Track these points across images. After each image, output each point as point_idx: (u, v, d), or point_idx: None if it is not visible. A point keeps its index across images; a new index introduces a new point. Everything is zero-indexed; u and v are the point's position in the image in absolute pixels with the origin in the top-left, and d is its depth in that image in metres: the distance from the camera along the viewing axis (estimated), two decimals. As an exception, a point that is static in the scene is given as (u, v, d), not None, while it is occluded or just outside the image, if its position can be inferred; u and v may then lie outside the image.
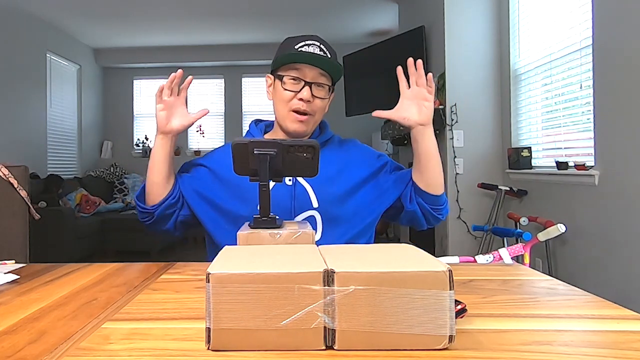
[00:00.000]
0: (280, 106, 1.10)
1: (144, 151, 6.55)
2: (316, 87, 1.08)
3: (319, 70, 1.07)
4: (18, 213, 1.23)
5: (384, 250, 0.58)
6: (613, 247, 2.26)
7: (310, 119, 1.10)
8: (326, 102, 1.12)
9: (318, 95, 1.08)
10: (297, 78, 1.06)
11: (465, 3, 3.44)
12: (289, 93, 1.08)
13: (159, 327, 0.55)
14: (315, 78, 1.07)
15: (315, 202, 1.08)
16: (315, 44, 1.09)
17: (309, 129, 1.11)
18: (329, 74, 1.09)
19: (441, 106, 3.49)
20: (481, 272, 0.83)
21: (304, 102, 1.06)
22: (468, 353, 0.47)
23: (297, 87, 1.07)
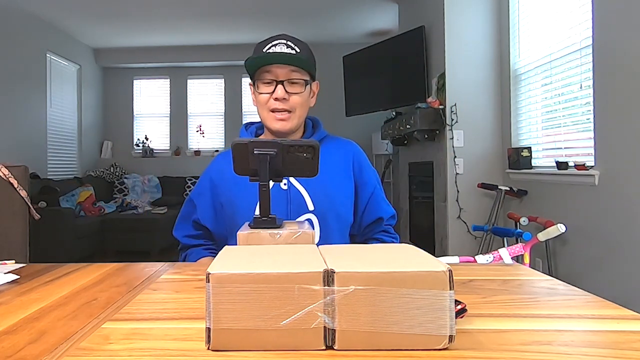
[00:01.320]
0: (261, 109, 1.13)
1: (144, 151, 6.55)
2: (289, 84, 1.08)
3: (289, 67, 1.08)
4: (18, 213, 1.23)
5: (384, 250, 0.58)
6: (613, 247, 2.26)
7: (292, 116, 1.11)
8: (305, 96, 1.12)
9: (293, 91, 1.09)
10: (270, 80, 1.08)
11: (465, 3, 3.44)
12: (264, 95, 1.09)
13: (159, 327, 0.55)
14: (287, 75, 1.08)
15: (310, 205, 1.09)
16: (282, 42, 1.10)
17: (293, 125, 1.12)
18: (302, 69, 1.09)
19: (441, 106, 3.49)
20: (481, 272, 0.83)
21: (279, 100, 1.08)
22: (468, 353, 0.47)
23: (271, 88, 1.09)
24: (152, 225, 4.80)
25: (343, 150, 1.21)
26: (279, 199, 1.08)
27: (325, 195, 1.11)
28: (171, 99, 6.68)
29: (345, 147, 1.22)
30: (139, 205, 5.55)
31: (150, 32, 5.78)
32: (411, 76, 3.94)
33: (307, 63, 1.09)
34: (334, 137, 1.25)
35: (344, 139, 1.26)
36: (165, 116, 6.69)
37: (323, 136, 1.21)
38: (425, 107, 3.57)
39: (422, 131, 3.64)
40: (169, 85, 6.69)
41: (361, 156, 1.23)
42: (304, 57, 1.09)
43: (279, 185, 1.10)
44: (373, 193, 1.20)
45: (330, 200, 1.11)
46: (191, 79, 6.69)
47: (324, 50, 6.20)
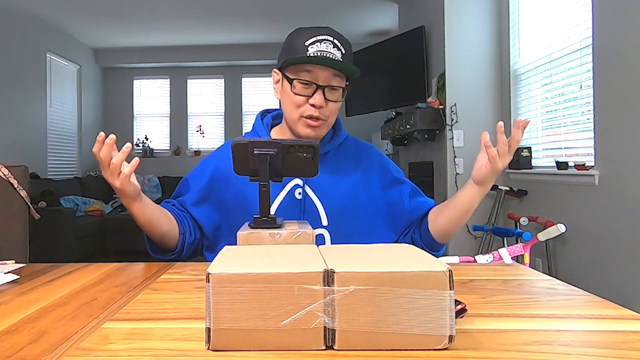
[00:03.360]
0: (290, 110, 1.02)
1: (144, 151, 6.55)
2: (329, 90, 0.99)
3: (332, 70, 0.98)
4: (18, 213, 1.23)
5: (384, 250, 0.58)
6: (613, 247, 2.26)
7: (324, 124, 1.02)
8: (340, 103, 1.04)
9: (331, 98, 1.00)
10: (309, 82, 0.98)
11: (465, 3, 3.44)
12: (299, 98, 0.99)
13: (159, 327, 0.55)
14: (328, 80, 0.98)
15: (324, 220, 1.03)
16: (328, 40, 0.98)
17: (322, 134, 1.05)
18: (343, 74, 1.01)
19: (441, 106, 3.49)
20: (481, 272, 0.83)
21: (316, 107, 0.99)
22: (468, 353, 0.47)
23: (309, 91, 0.99)
24: (152, 225, 4.79)
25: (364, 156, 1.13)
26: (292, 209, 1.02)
27: (342, 212, 1.04)
28: (171, 99, 6.68)
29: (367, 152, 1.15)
30: (139, 205, 5.54)
31: (150, 32, 5.78)
32: (411, 76, 3.94)
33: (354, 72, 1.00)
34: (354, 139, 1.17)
35: (364, 143, 1.19)
36: (165, 116, 6.69)
37: (343, 138, 1.13)
38: (425, 107, 3.57)
39: (422, 131, 3.64)
40: (169, 85, 6.69)
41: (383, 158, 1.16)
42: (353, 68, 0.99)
43: (294, 193, 1.03)
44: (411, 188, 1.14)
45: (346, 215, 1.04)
46: (191, 79, 6.69)
47: (324, 50, 6.20)
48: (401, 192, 1.13)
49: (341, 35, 1.02)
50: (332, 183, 1.06)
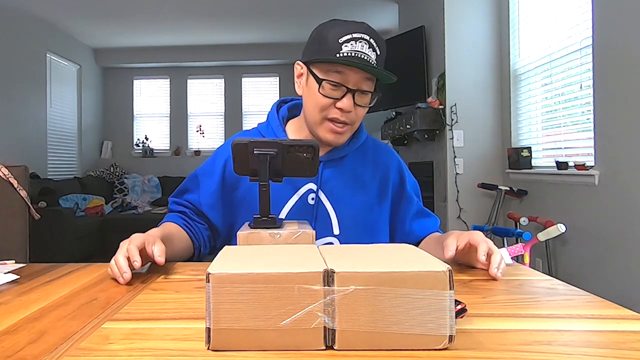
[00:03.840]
0: (313, 111, 0.95)
1: (144, 151, 6.55)
2: (359, 94, 0.92)
3: (365, 73, 0.91)
4: (18, 213, 1.23)
5: (384, 250, 0.58)
6: (613, 247, 2.26)
7: (348, 130, 0.96)
8: (367, 109, 0.97)
9: (360, 103, 0.93)
10: (338, 84, 0.91)
11: (465, 3, 3.44)
12: (326, 100, 0.92)
13: (159, 327, 0.55)
14: (359, 83, 0.92)
15: (336, 229, 0.99)
16: (364, 40, 0.90)
17: (344, 140, 0.98)
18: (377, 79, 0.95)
19: (441, 106, 3.49)
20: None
21: (343, 112, 0.92)
22: (468, 353, 0.47)
23: (337, 94, 0.91)
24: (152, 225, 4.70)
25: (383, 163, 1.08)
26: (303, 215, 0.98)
27: (355, 221, 1.00)
28: (171, 99, 6.68)
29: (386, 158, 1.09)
30: (139, 205, 5.55)
31: (150, 32, 5.78)
32: (411, 76, 3.94)
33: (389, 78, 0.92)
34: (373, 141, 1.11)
35: (383, 146, 1.13)
36: (165, 116, 6.69)
37: (363, 140, 1.07)
38: (425, 107, 3.57)
39: (422, 131, 3.64)
40: (169, 85, 6.69)
41: (402, 167, 1.11)
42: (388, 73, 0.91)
43: (306, 199, 0.99)
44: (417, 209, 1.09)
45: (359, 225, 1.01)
46: (191, 79, 6.69)
47: (324, 50, 6.20)
48: (407, 211, 1.08)
49: (378, 34, 0.93)
50: (348, 191, 1.02)
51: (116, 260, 0.77)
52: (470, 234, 0.83)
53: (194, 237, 1.03)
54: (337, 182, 1.01)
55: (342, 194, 1.02)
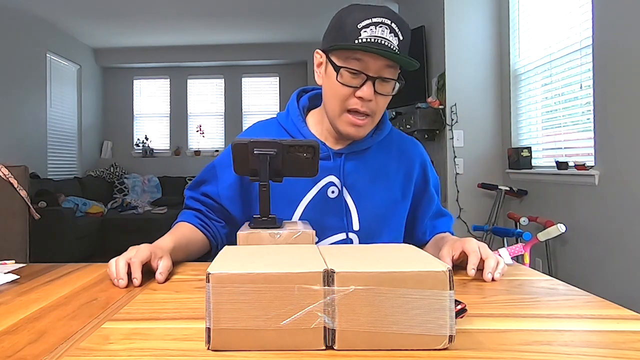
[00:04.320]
0: (333, 101, 0.91)
1: (144, 151, 6.55)
2: (380, 82, 0.88)
3: (386, 60, 0.86)
4: (18, 213, 1.23)
5: (384, 250, 0.58)
6: (613, 247, 2.26)
7: (369, 122, 0.92)
8: (389, 99, 0.93)
9: (382, 91, 0.89)
10: (358, 71, 0.86)
11: (465, 3, 3.44)
12: (346, 89, 0.88)
13: (159, 327, 0.55)
14: (380, 71, 0.87)
15: (356, 224, 0.96)
16: (385, 24, 0.85)
17: (366, 133, 0.94)
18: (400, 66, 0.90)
19: (441, 106, 3.49)
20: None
21: (363, 101, 0.88)
22: (468, 353, 0.47)
23: (357, 82, 0.87)
24: (152, 225, 4.80)
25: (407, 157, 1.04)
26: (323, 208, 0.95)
27: (376, 217, 0.97)
28: (171, 99, 6.68)
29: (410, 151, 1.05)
30: (139, 205, 5.55)
31: (150, 32, 5.78)
32: (411, 76, 3.93)
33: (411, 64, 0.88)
34: (398, 133, 1.07)
35: (409, 138, 1.08)
36: (165, 116, 6.69)
37: (387, 132, 1.03)
38: (425, 107, 3.57)
39: (422, 131, 3.64)
40: (169, 85, 6.69)
41: (427, 163, 1.07)
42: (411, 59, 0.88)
43: (326, 192, 0.95)
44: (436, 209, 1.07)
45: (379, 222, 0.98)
46: (191, 79, 6.69)
47: (324, 50, 6.20)
48: (427, 209, 1.06)
49: (400, 18, 0.89)
50: (371, 186, 0.99)
51: (117, 262, 0.76)
52: (464, 243, 0.82)
53: (212, 237, 1.01)
54: (359, 176, 0.97)
55: (365, 188, 0.98)
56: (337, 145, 1.00)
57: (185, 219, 1.01)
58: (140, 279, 0.74)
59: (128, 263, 0.75)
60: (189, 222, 1.00)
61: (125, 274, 0.74)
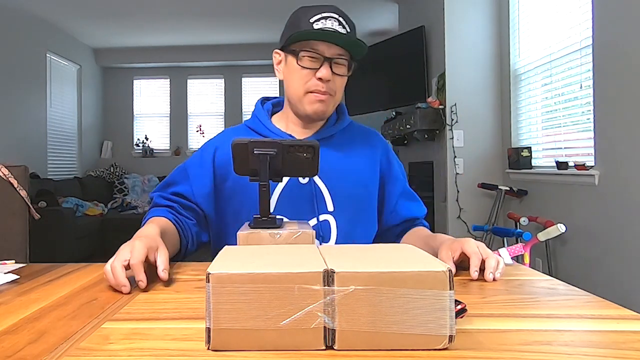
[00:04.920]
0: (295, 86, 0.99)
1: (144, 151, 6.55)
2: (336, 63, 0.96)
3: (338, 48, 0.96)
4: (18, 213, 1.23)
5: (384, 250, 0.58)
6: (613, 247, 2.26)
7: (330, 100, 0.99)
8: (345, 79, 1.01)
9: (338, 72, 0.97)
10: (315, 55, 0.95)
11: (465, 3, 3.44)
12: (306, 71, 0.96)
13: (159, 327, 0.55)
14: (336, 55, 0.96)
15: (330, 205, 1.01)
16: (334, 17, 0.97)
17: (329, 110, 1.01)
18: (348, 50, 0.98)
19: (441, 106, 3.49)
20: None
21: (323, 81, 0.96)
22: (468, 353, 0.47)
23: (315, 64, 0.96)
24: (152, 225, 4.79)
25: (369, 143, 1.11)
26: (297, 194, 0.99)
27: (348, 196, 1.01)
28: (171, 99, 6.68)
29: (372, 139, 1.12)
30: (139, 205, 5.55)
31: (150, 32, 5.78)
32: (411, 76, 3.94)
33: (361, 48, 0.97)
34: (359, 125, 1.15)
35: (369, 129, 1.16)
36: (165, 116, 6.69)
37: (347, 123, 1.11)
38: (425, 107, 3.57)
39: (422, 131, 3.64)
40: (169, 85, 6.69)
41: (387, 148, 1.14)
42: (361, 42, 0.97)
43: (298, 179, 1.00)
44: (403, 190, 1.11)
45: (352, 201, 1.02)
46: (191, 79, 6.69)
47: (324, 50, 6.20)
48: (393, 189, 1.11)
49: (346, 15, 1.00)
50: (339, 167, 1.03)
51: (113, 268, 0.71)
52: (462, 243, 0.82)
53: (183, 234, 1.01)
54: (327, 160, 1.00)
55: (335, 171, 1.02)
56: (303, 136, 1.06)
57: (158, 214, 1.00)
58: (146, 280, 0.71)
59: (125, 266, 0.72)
60: (162, 217, 0.99)
61: (126, 279, 0.70)
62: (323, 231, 1.00)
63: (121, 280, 0.70)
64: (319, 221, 1.00)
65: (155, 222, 0.94)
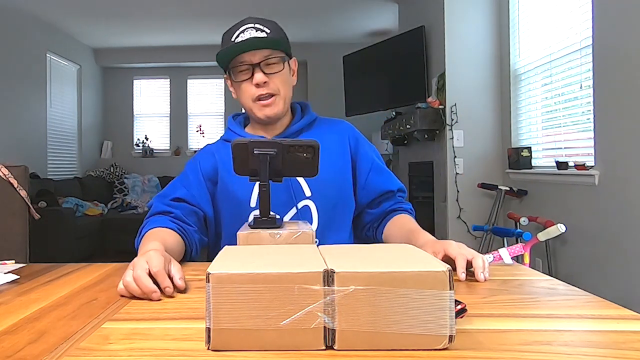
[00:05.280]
0: (243, 100, 1.07)
1: (144, 151, 6.55)
2: (266, 65, 1.02)
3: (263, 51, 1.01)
4: (18, 213, 1.23)
5: (384, 250, 0.58)
6: (613, 247, 2.26)
7: (277, 99, 1.04)
8: (286, 75, 1.06)
9: (272, 71, 1.02)
10: (245, 67, 1.02)
11: (465, 3, 3.44)
12: (244, 84, 1.04)
13: (159, 327, 0.55)
14: (263, 58, 1.02)
15: (307, 191, 1.05)
16: (250, 27, 1.03)
17: (279, 109, 1.06)
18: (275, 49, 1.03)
19: (441, 106, 3.49)
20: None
21: (260, 86, 1.02)
22: (468, 353, 0.47)
23: (248, 74, 1.02)
24: (152, 225, 4.79)
25: (336, 130, 1.15)
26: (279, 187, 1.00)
27: (323, 180, 1.03)
28: (171, 99, 6.68)
29: (338, 126, 1.17)
30: (139, 205, 5.55)
31: (150, 32, 5.78)
32: (411, 76, 3.94)
33: (279, 43, 1.03)
34: (325, 118, 1.19)
35: (336, 119, 1.20)
36: (165, 116, 6.69)
37: (313, 119, 1.15)
38: (425, 107, 3.57)
39: (422, 131, 3.64)
40: (169, 85, 6.69)
41: (356, 132, 1.18)
42: (276, 38, 1.03)
43: None
44: (372, 165, 1.14)
45: (328, 184, 1.06)
46: (191, 79, 6.69)
47: (324, 50, 6.20)
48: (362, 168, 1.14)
49: (263, 19, 1.07)
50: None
51: (137, 277, 0.67)
52: (445, 245, 0.83)
53: (187, 242, 1.01)
54: None
55: None
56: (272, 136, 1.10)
57: (161, 224, 0.99)
58: (172, 286, 0.68)
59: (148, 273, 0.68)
60: (165, 227, 0.98)
61: (154, 285, 0.66)
62: (304, 217, 1.04)
63: (150, 287, 0.66)
64: (298, 209, 1.04)
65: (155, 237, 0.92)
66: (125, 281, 0.68)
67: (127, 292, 0.67)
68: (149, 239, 0.91)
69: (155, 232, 0.96)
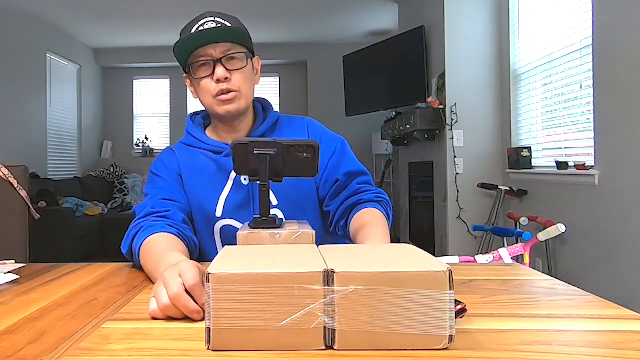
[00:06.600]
0: (203, 97, 1.02)
1: (144, 151, 6.55)
2: (228, 60, 0.97)
3: (224, 45, 0.96)
4: (18, 213, 1.23)
5: (384, 250, 0.58)
6: (613, 247, 2.26)
7: (238, 96, 0.99)
8: (249, 72, 1.01)
9: (234, 67, 0.97)
10: (206, 61, 0.97)
11: (465, 3, 3.44)
12: (204, 80, 0.98)
13: (159, 327, 0.55)
14: (224, 53, 0.97)
15: (274, 200, 1.01)
16: (210, 20, 0.99)
17: (241, 106, 1.00)
18: (238, 44, 0.98)
19: (441, 106, 3.49)
20: (481, 272, 0.83)
21: (221, 82, 0.97)
22: (468, 353, 0.47)
23: (209, 70, 0.97)
24: (152, 225, 4.78)
25: (298, 128, 1.11)
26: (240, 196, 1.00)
27: (290, 188, 0.99)
28: (171, 99, 6.68)
29: (299, 123, 1.12)
30: (139, 205, 5.54)
31: (150, 32, 5.78)
32: (411, 76, 3.94)
33: (242, 36, 0.98)
34: (287, 116, 1.15)
35: (297, 117, 1.16)
36: (165, 116, 6.69)
37: (276, 118, 1.10)
38: (425, 107, 3.57)
39: (422, 131, 3.64)
40: (169, 85, 6.69)
41: (316, 126, 1.12)
42: (239, 29, 0.97)
43: (239, 180, 1.01)
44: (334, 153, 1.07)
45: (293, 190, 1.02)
46: (191, 79, 6.68)
47: (324, 50, 6.20)
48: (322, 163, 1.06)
49: (224, 13, 1.02)
50: None
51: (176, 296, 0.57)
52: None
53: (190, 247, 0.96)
54: None
55: None
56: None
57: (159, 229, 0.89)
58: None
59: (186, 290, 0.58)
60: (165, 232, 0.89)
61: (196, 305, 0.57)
62: None
63: (192, 307, 0.57)
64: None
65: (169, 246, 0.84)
66: (162, 304, 0.57)
67: (164, 315, 0.58)
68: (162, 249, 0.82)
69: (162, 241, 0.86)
